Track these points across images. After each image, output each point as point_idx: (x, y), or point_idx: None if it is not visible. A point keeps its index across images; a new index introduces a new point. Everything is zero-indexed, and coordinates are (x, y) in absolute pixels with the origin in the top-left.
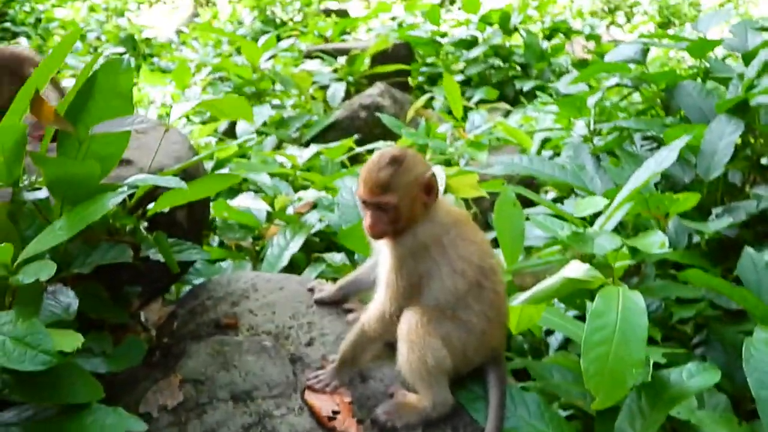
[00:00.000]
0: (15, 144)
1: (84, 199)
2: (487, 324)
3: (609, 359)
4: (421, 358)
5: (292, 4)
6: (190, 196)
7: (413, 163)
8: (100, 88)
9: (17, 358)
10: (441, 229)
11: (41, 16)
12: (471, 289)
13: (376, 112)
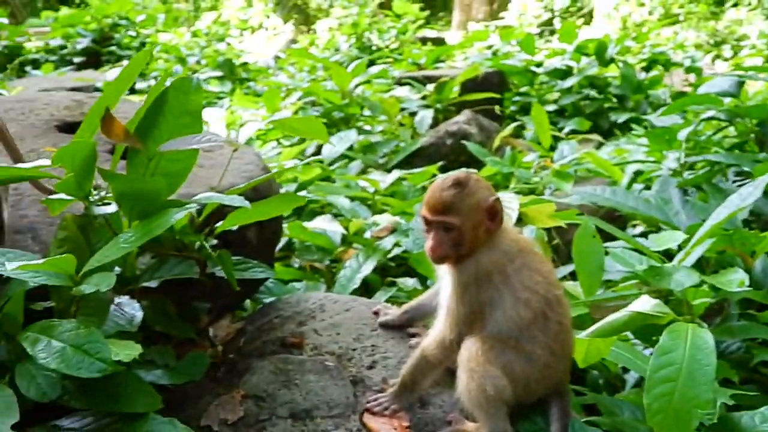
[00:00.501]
0: (84, 160)
1: (151, 214)
2: (551, 356)
3: (674, 397)
4: (480, 387)
5: (389, 32)
6: (256, 215)
7: (477, 187)
8: (170, 106)
9: (75, 364)
10: (505, 257)
11: (146, 40)
12: (535, 319)
13: (463, 139)
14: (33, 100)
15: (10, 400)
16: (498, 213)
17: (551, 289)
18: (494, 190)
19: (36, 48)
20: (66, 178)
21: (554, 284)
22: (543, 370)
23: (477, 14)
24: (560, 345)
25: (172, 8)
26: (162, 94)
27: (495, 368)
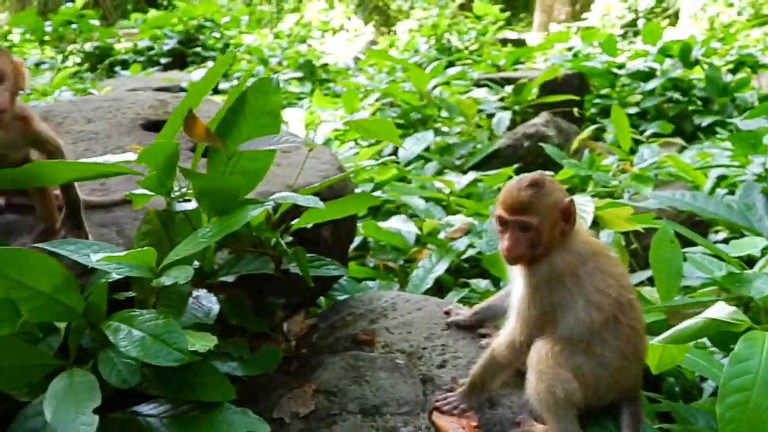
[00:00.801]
0: (167, 159)
1: (229, 211)
2: (623, 360)
3: (748, 407)
4: (549, 389)
5: (468, 33)
6: (331, 214)
7: (553, 188)
8: (250, 107)
9: (154, 353)
10: (578, 259)
11: (230, 42)
12: (607, 323)
13: (540, 141)
14: (120, 100)
15: (92, 385)
16: (572, 214)
17: (624, 292)
18: (567, 193)
19: (125, 49)
20: (149, 175)
21: (627, 288)
22: (614, 375)
23: (559, 15)
24: (632, 349)
25: (256, 10)
26: (242, 94)
27: (565, 371)
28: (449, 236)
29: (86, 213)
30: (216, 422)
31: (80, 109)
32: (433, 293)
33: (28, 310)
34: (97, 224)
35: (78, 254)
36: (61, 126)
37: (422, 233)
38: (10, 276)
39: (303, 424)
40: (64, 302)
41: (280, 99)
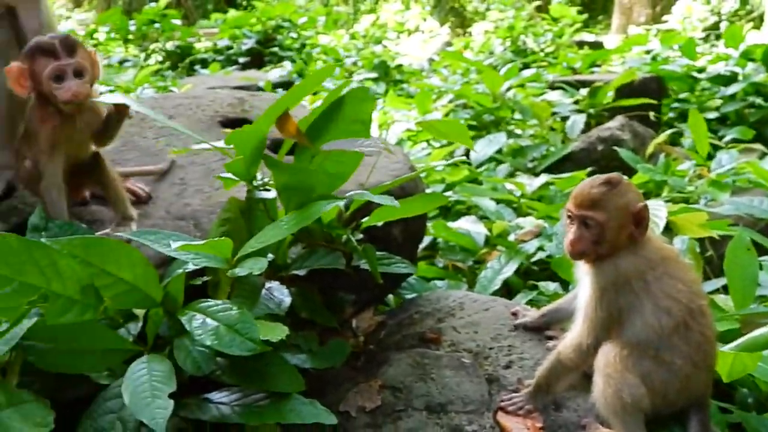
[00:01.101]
0: (255, 147)
1: (305, 203)
2: (692, 368)
3: None
4: (616, 393)
5: (544, 36)
6: (401, 212)
7: (628, 190)
8: (344, 113)
9: (227, 343)
10: (646, 264)
11: (306, 42)
12: (677, 328)
13: (615, 145)
14: (200, 97)
15: (169, 371)
16: (644, 220)
17: (695, 299)
18: (642, 198)
19: (205, 48)
20: (236, 159)
21: (698, 294)
22: (683, 381)
23: (638, 17)
24: (702, 356)
25: (332, 11)
26: (338, 100)
27: (633, 376)
28: (519, 238)
29: (162, 203)
30: (284, 412)
31: (162, 105)
32: (501, 294)
33: (110, 296)
34: (175, 217)
35: (159, 244)
36: (144, 122)
37: (492, 234)
38: (94, 264)
39: (369, 418)
40: (143, 290)
41: (372, 108)
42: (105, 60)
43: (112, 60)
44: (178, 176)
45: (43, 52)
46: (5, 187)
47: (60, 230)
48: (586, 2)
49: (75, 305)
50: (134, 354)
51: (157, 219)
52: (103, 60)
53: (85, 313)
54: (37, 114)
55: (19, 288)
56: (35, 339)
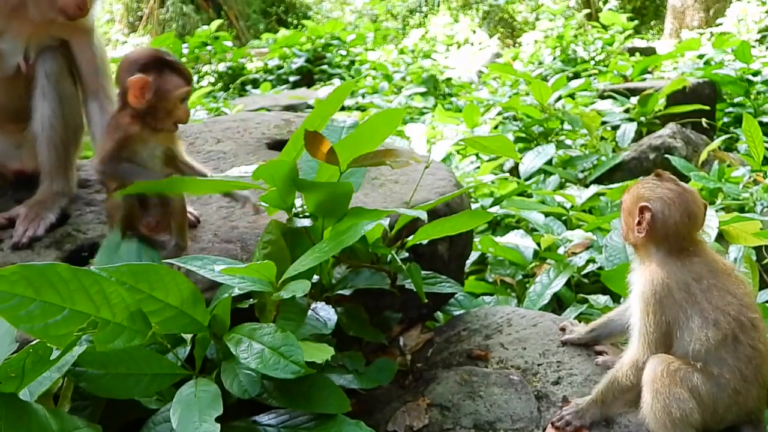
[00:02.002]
0: (286, 176)
1: (340, 218)
2: (742, 382)
3: None
4: (665, 408)
5: (594, 44)
6: (445, 230)
7: (644, 186)
8: (365, 132)
9: (272, 365)
10: (690, 275)
11: (355, 59)
12: (725, 341)
13: (667, 153)
14: (247, 120)
15: (215, 394)
16: (642, 221)
17: (745, 311)
18: (665, 199)
19: (256, 68)
20: (270, 191)
21: (749, 307)
22: (733, 396)
23: (691, 22)
24: (753, 371)
25: (381, 27)
26: (366, 121)
27: (681, 390)
28: (569, 251)
29: (210, 227)
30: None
31: (210, 129)
32: (551, 309)
33: (157, 322)
34: (223, 240)
35: (205, 269)
36: (193, 146)
37: (540, 248)
38: (142, 290)
39: None
40: (190, 315)
41: (396, 124)
42: None
43: None
44: (225, 199)
45: (174, 71)
46: (60, 214)
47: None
48: (637, 8)
49: (123, 331)
50: (183, 378)
51: (205, 243)
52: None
53: (134, 338)
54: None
55: (69, 316)
56: (86, 365)
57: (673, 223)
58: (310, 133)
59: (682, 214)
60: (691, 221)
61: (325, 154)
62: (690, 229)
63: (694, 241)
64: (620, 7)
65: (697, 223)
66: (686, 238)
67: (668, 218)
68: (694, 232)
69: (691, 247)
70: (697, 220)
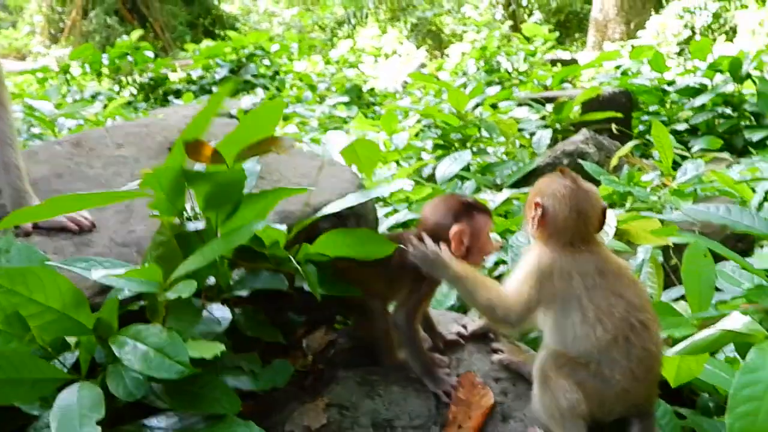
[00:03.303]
0: (173, 181)
1: (233, 211)
2: (633, 381)
3: (758, 417)
4: (553, 400)
5: (517, 54)
6: (346, 251)
7: (544, 183)
8: (247, 128)
9: (156, 366)
10: (575, 269)
11: (279, 69)
12: (616, 343)
13: (580, 158)
14: (150, 125)
15: (98, 397)
16: (533, 217)
17: (635, 312)
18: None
19: (179, 79)
20: (157, 198)
21: (640, 308)
22: (620, 394)
23: (613, 34)
24: (643, 370)
25: (306, 38)
26: (244, 117)
27: (568, 382)
28: None
29: (106, 231)
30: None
31: (112, 134)
32: (463, 310)
33: (37, 325)
34: (119, 244)
35: (89, 271)
36: (93, 151)
37: None
38: (20, 293)
39: None
40: (73, 318)
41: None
42: (78, 95)
43: (85, 94)
44: (123, 203)
45: (478, 210)
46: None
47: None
48: (561, 21)
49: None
50: (68, 383)
51: (101, 247)
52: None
53: (10, 342)
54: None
55: None
56: None
57: (563, 218)
58: (189, 142)
59: (571, 210)
60: (580, 218)
61: (209, 156)
62: (580, 226)
63: (586, 240)
64: (545, 20)
65: (588, 221)
66: (577, 235)
67: (558, 213)
68: (585, 229)
69: (584, 246)
70: (588, 219)
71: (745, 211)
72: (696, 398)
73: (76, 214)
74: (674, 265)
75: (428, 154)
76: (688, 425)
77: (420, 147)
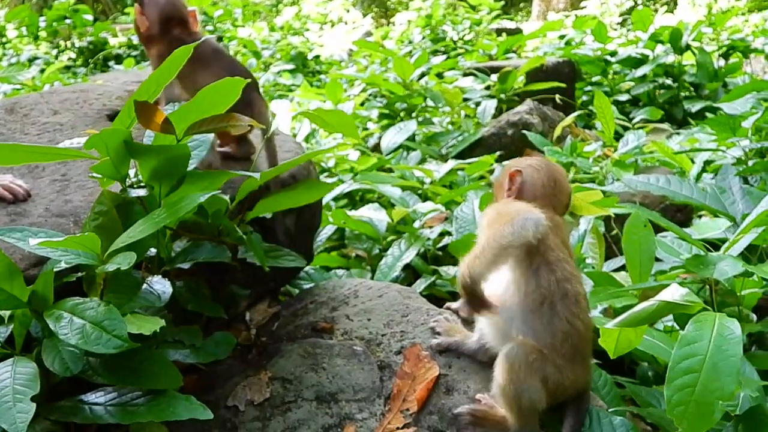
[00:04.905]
0: (119, 145)
1: (178, 184)
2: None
3: (696, 389)
4: (517, 395)
5: (462, 23)
6: (284, 203)
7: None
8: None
9: (94, 341)
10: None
11: (223, 35)
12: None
13: (524, 129)
14: (87, 91)
15: (33, 373)
16: (513, 184)
17: (574, 282)
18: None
19: (119, 44)
20: (103, 161)
21: (578, 280)
22: (570, 379)
23: (557, 4)
24: (570, 350)
25: (249, 3)
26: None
27: (535, 381)
28: (426, 224)
29: (41, 201)
30: (159, 409)
31: (47, 100)
32: (408, 282)
33: None
34: (55, 214)
35: (24, 242)
36: (28, 117)
37: (392, 221)
38: None
39: (257, 411)
40: (5, 290)
41: (236, 95)
42: (14, 58)
43: (21, 58)
44: (59, 172)
45: None
46: None
47: None
48: None
49: None
50: (1, 358)
51: (36, 217)
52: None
53: None
54: None
55: None
56: None
57: (541, 185)
58: (140, 103)
59: (549, 178)
60: (557, 186)
61: (159, 124)
62: (556, 194)
63: (558, 213)
64: None
65: (562, 191)
66: (550, 204)
67: (536, 180)
68: (557, 201)
69: (555, 216)
70: (562, 187)
71: (684, 182)
72: (636, 367)
73: (11, 182)
74: (615, 234)
75: (374, 124)
76: (628, 394)
77: (365, 116)
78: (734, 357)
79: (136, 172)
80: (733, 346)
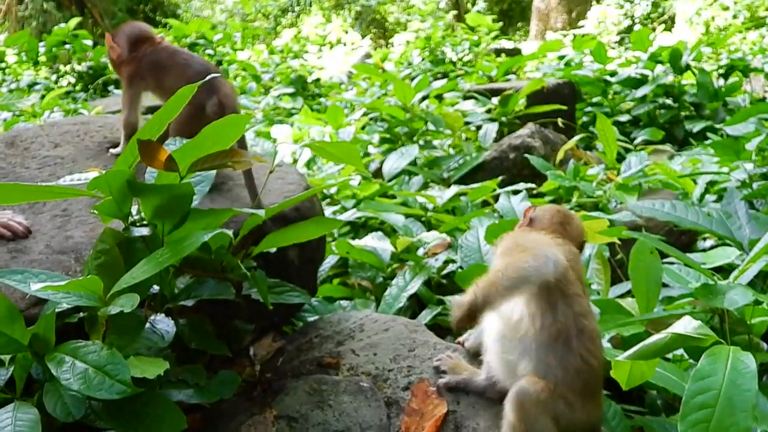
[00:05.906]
0: (123, 185)
1: (181, 222)
2: (578, 398)
3: (710, 425)
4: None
5: (461, 44)
6: (291, 238)
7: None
8: (207, 137)
9: (96, 386)
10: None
11: (222, 58)
12: (557, 340)
13: (526, 153)
14: (88, 123)
15: (34, 419)
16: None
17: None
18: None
19: None
20: (105, 200)
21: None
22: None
23: (555, 23)
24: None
25: (249, 26)
26: (211, 126)
27: (547, 420)
28: (429, 252)
29: (42, 237)
30: None
31: (48, 133)
32: (411, 312)
33: None
34: (56, 251)
35: (25, 284)
36: (28, 151)
37: (396, 250)
38: None
39: None
40: (6, 333)
41: (241, 131)
42: (13, 84)
43: (21, 84)
44: (60, 207)
45: None
46: None
47: None
48: (504, 10)
49: None
50: (2, 402)
51: (37, 254)
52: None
53: None
54: None
55: None
56: None
57: (550, 216)
58: (144, 143)
59: (558, 211)
60: (566, 218)
61: (163, 162)
62: (564, 224)
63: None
64: (488, 9)
65: (571, 222)
66: (563, 234)
67: (546, 212)
68: (569, 232)
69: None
70: (572, 220)
71: (690, 207)
72: (644, 395)
73: (10, 220)
74: (620, 259)
75: (375, 148)
76: (637, 424)
77: (366, 140)
78: (749, 391)
79: (138, 209)
80: (748, 380)
